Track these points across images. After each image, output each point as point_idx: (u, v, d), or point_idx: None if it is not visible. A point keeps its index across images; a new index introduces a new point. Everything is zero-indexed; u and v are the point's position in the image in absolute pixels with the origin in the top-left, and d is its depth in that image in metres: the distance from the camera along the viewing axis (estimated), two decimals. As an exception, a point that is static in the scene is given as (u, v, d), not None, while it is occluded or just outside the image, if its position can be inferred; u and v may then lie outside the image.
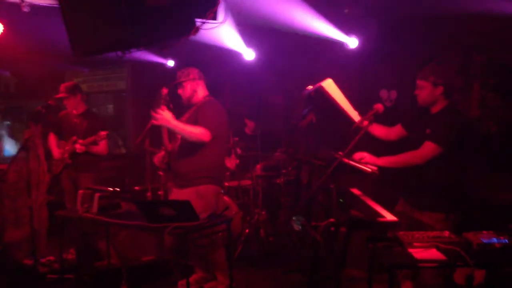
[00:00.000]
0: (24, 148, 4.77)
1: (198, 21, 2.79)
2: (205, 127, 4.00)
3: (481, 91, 4.60)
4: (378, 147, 3.68)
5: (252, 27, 5.81)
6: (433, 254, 2.75)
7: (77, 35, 2.68)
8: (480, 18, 4.42)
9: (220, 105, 4.30)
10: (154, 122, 3.85)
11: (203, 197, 4.09)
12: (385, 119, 3.78)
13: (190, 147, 4.10)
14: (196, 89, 4.29)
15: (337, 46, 5.54)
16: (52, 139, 5.51)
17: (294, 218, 5.47)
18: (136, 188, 6.33)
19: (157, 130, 5.31)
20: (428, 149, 3.45)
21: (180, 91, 4.31)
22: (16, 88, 9.48)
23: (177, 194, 4.19)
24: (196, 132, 3.99)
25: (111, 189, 4.09)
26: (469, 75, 4.67)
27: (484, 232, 2.86)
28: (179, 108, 4.37)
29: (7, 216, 5.38)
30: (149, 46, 2.94)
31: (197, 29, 2.77)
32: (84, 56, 2.88)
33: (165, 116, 3.84)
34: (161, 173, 5.65)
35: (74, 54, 2.74)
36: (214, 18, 2.88)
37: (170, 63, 7.70)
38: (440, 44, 4.78)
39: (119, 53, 2.73)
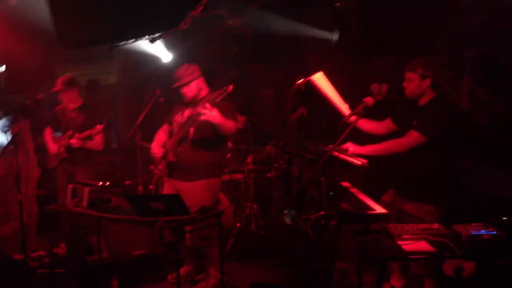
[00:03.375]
0: (12, 142, 4.73)
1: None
2: (233, 121, 4.17)
3: (471, 84, 4.62)
4: (369, 140, 3.69)
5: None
6: (423, 246, 2.76)
7: (64, 27, 2.64)
8: (470, 11, 4.43)
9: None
10: (202, 118, 3.88)
11: (212, 189, 4.27)
12: (376, 113, 3.79)
13: (205, 141, 4.21)
14: (201, 86, 4.31)
15: (326, 40, 5.57)
16: (48, 134, 5.46)
17: (285, 211, 5.49)
18: (127, 182, 6.30)
19: (148, 124, 5.30)
20: (411, 137, 3.49)
21: (184, 90, 4.26)
22: (6, 82, 9.40)
23: (186, 187, 4.21)
24: (231, 126, 4.14)
25: (100, 183, 4.07)
26: (459, 68, 4.68)
27: (474, 224, 2.88)
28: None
29: (-3, 211, 5.35)
30: (137, 39, 2.93)
31: (186, 22, 2.74)
32: (70, 48, 2.86)
33: (214, 113, 3.87)
34: (156, 170, 5.64)
35: (60, 47, 2.72)
36: (205, 10, 2.86)
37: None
38: (430, 38, 4.78)
39: (107, 46, 2.70)
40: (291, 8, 5.97)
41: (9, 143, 4.75)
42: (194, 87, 4.27)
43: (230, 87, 3.88)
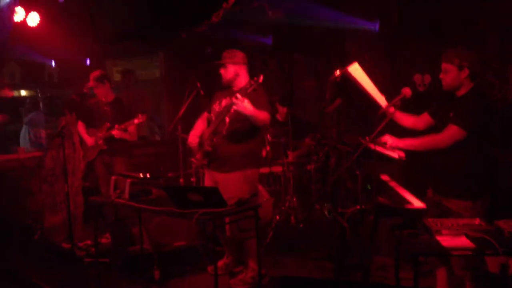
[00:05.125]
0: (60, 135, 4.91)
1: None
2: (267, 112, 4.14)
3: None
4: (405, 131, 3.58)
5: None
6: (462, 242, 2.68)
7: (100, 22, 2.70)
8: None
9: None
10: (235, 107, 3.89)
11: (249, 181, 4.26)
12: (417, 104, 3.69)
13: (240, 132, 4.21)
14: (239, 73, 4.30)
15: (364, 30, 5.47)
16: (81, 127, 5.64)
17: (325, 205, 5.45)
18: (170, 174, 6.42)
19: (189, 117, 5.36)
20: (451, 132, 3.32)
21: (222, 71, 4.33)
22: (59, 77, 9.74)
23: (223, 178, 4.25)
24: (265, 117, 4.12)
25: (141, 175, 4.15)
26: (505, 58, 4.47)
27: (517, 219, 2.77)
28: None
29: (45, 201, 5.57)
30: (170, 33, 2.94)
31: (219, 14, 2.74)
32: (107, 43, 2.92)
33: (245, 104, 3.87)
34: (193, 160, 5.72)
35: (96, 42, 2.78)
36: (237, 3, 2.85)
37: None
38: (474, 26, 4.59)
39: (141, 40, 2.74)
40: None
41: (56, 135, 4.94)
42: (231, 71, 4.29)
43: (261, 78, 3.86)
